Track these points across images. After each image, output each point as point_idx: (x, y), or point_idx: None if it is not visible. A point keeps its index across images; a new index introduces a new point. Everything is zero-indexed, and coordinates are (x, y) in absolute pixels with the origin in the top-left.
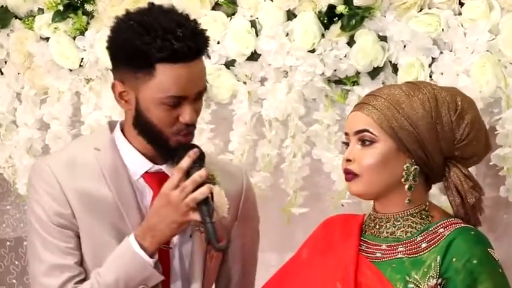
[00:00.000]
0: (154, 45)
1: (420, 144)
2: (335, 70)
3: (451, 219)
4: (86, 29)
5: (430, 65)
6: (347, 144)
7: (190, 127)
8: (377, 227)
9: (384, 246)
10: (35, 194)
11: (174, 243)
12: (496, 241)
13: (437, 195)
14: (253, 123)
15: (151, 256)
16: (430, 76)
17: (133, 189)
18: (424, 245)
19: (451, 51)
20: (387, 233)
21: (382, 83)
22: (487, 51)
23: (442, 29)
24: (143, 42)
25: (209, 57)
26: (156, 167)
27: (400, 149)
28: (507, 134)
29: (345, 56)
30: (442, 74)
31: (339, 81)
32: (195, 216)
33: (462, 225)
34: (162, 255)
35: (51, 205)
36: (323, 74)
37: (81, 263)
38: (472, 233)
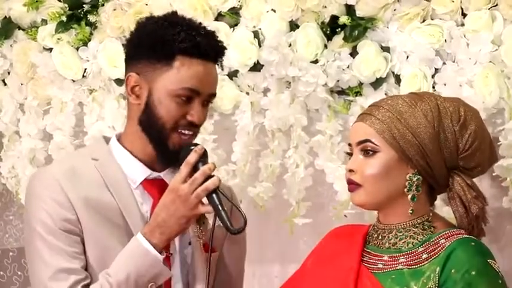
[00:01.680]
0: (177, 36)
1: (423, 154)
2: (338, 81)
3: (453, 230)
4: (89, 40)
5: (433, 76)
6: (350, 154)
7: (194, 128)
8: (380, 238)
9: (385, 257)
10: (39, 201)
11: (176, 250)
12: (499, 252)
13: (439, 206)
14: (256, 134)
15: (159, 253)
16: (433, 87)
17: (133, 197)
18: (424, 256)
19: (454, 62)
20: (389, 244)
21: (385, 94)
22: (490, 62)
23: (445, 40)
24: (167, 33)
25: (222, 68)
26: (155, 174)
27: (403, 159)
28: (510, 145)
29: (348, 67)
30: (445, 84)
31: (341, 92)
32: (204, 209)
33: (463, 236)
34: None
35: (58, 211)
36: (326, 84)
37: (86, 268)
38: (472, 243)
